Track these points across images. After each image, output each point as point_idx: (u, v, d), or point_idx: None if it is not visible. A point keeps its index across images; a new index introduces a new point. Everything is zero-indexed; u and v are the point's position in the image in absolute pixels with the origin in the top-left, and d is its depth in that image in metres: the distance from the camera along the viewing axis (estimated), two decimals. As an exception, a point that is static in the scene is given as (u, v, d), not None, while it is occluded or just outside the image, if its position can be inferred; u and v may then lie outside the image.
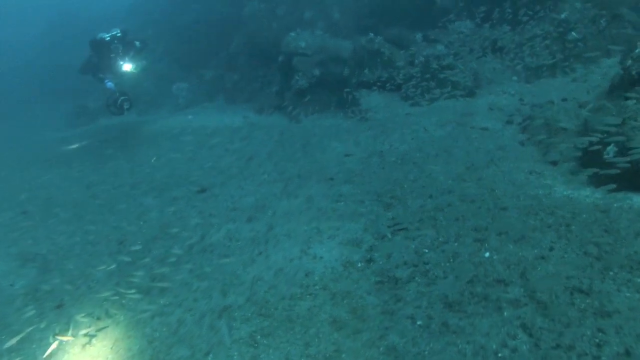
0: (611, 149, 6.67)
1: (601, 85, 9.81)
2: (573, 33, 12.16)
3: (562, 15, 12.45)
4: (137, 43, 13.32)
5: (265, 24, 18.39)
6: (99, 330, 5.76)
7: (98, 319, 6.01)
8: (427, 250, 5.98)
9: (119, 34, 13.10)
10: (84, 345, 5.55)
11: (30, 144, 16.89)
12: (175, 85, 17.76)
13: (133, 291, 6.35)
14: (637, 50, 7.71)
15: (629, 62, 7.77)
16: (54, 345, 5.58)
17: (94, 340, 5.60)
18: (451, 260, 5.71)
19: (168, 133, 14.04)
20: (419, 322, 4.86)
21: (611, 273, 4.92)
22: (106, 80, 13.15)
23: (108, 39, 12.95)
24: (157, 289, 6.38)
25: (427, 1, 15.52)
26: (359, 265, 5.95)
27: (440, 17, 15.11)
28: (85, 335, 5.70)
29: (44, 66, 24.79)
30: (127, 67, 12.86)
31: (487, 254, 5.66)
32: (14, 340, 5.65)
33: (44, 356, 5.47)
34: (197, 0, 20.57)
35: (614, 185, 6.27)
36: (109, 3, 25.26)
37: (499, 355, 4.29)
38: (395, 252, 6.04)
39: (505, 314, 4.70)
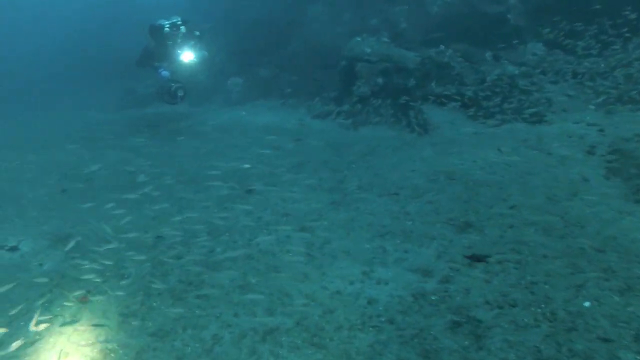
0: None
1: None
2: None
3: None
4: (197, 33, 12.87)
5: (328, 27, 17.84)
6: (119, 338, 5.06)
7: (123, 321, 5.32)
8: (513, 290, 5.12)
9: (178, 22, 12.69)
10: (105, 354, 4.85)
11: (74, 123, 16.64)
12: (230, 80, 17.27)
13: (165, 297, 5.64)
14: None
15: None
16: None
17: (113, 348, 4.90)
18: (543, 305, 4.83)
19: (219, 127, 13.51)
20: (508, 380, 4.02)
21: None
22: (161, 69, 12.76)
23: (167, 25, 12.54)
24: (193, 295, 5.65)
25: (499, 19, 14.74)
26: (432, 298, 5.11)
27: (512, 37, 14.31)
28: (104, 341, 5.00)
29: (97, 49, 24.80)
30: (187, 56, 12.41)
31: (587, 304, 4.77)
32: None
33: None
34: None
35: None
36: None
37: None
38: (475, 287, 5.20)
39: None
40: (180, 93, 12.25)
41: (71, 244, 7.00)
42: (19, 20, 31.19)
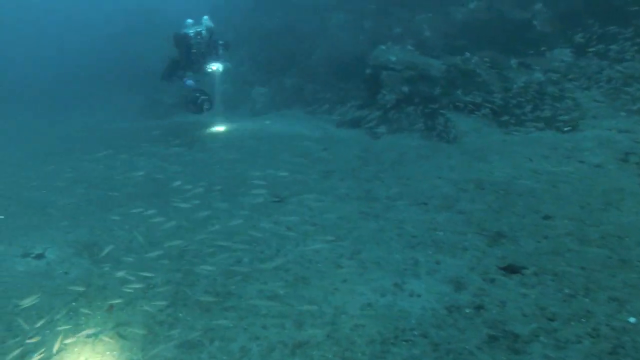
0: None
1: None
2: None
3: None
4: (221, 42, 12.89)
5: (351, 36, 17.80)
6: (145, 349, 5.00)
7: (150, 332, 5.25)
8: (551, 303, 4.95)
9: (203, 31, 12.73)
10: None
11: (101, 132, 16.83)
12: (255, 90, 17.31)
13: (191, 308, 5.56)
14: None
15: None
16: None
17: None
18: (583, 320, 4.66)
19: (243, 136, 13.50)
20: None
21: None
22: (185, 78, 12.79)
23: (192, 34, 12.60)
24: (221, 306, 5.54)
25: (524, 25, 14.54)
26: (467, 311, 4.96)
27: (538, 43, 14.07)
28: (130, 352, 4.94)
29: (121, 60, 25.08)
30: (213, 67, 12.44)
31: (632, 319, 4.58)
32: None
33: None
34: (280, 8, 20.24)
35: None
36: (188, 4, 25.39)
37: None
38: (511, 301, 5.04)
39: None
40: (206, 106, 12.25)
41: (106, 250, 7.00)
42: (48, 25, 31.83)
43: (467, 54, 13.82)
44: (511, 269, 5.59)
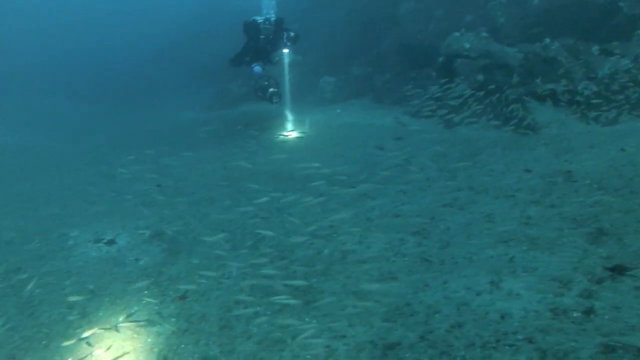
0: None
1: None
2: None
3: None
4: (291, 33, 12.81)
5: (421, 24, 17.33)
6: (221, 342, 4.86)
7: (225, 325, 5.13)
8: (673, 310, 4.49)
9: (272, 18, 12.71)
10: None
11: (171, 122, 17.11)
12: (323, 79, 17.13)
13: (275, 297, 5.36)
14: None
15: None
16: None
17: (215, 355, 4.69)
18: None
19: (315, 125, 13.34)
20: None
21: None
22: (254, 64, 12.81)
23: (260, 20, 12.62)
24: (302, 301, 5.30)
25: (609, 9, 13.65)
26: (575, 315, 4.55)
27: (624, 27, 13.17)
28: (205, 345, 4.81)
29: (191, 51, 25.49)
30: (282, 51, 12.45)
31: None
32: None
33: None
34: (347, -3, 20.01)
35: None
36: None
37: None
38: (626, 305, 4.60)
39: None
40: (275, 99, 12.22)
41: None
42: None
43: (547, 40, 13.12)
44: (619, 270, 5.13)
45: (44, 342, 5.16)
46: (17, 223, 8.74)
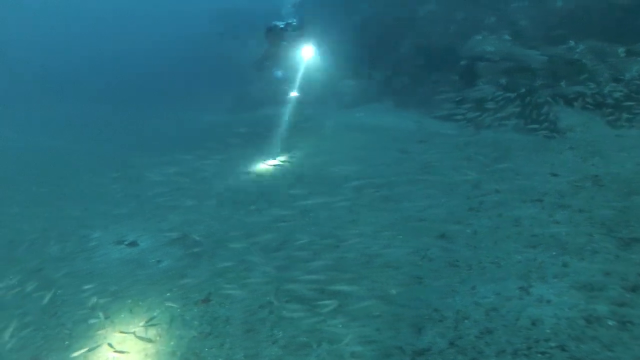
0: None
1: None
2: None
3: None
4: (311, 40, 12.89)
5: (441, 27, 17.22)
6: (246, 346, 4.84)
7: (250, 329, 5.11)
8: None
9: (294, 23, 12.76)
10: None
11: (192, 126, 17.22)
12: (343, 82, 17.11)
13: (295, 306, 5.34)
14: None
15: None
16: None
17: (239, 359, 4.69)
18: None
19: (337, 128, 13.31)
20: None
21: None
22: (275, 69, 12.91)
23: (282, 25, 12.66)
24: (327, 306, 5.23)
25: (633, 10, 13.42)
26: (610, 323, 4.43)
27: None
28: (229, 349, 4.79)
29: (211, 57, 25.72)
30: (304, 53, 12.51)
31: None
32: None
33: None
34: (366, 0, 19.96)
35: None
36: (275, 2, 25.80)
37: None
38: (664, 314, 4.48)
39: None
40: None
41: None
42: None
43: (571, 42, 12.96)
44: (654, 276, 5.02)
45: (66, 343, 5.22)
46: (40, 224, 8.84)
